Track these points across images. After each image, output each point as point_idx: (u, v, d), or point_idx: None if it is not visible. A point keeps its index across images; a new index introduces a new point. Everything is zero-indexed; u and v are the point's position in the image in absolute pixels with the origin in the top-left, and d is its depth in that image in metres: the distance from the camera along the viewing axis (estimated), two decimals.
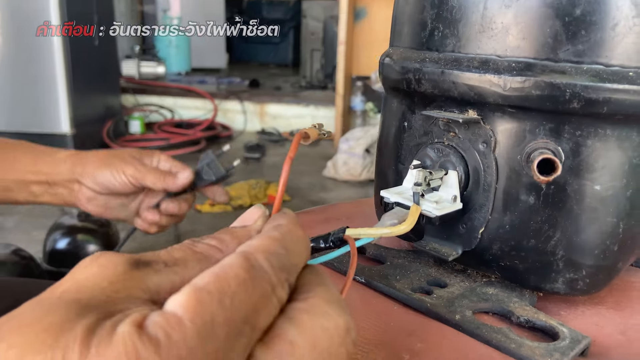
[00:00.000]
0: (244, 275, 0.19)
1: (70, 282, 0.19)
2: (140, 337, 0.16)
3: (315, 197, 2.56)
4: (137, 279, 0.20)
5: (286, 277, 0.20)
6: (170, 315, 0.17)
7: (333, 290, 0.22)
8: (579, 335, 0.33)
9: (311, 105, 3.77)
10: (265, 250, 0.20)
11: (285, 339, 0.19)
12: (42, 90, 2.85)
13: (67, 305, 0.17)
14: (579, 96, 0.31)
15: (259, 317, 0.19)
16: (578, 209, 0.34)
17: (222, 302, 0.18)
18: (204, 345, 0.17)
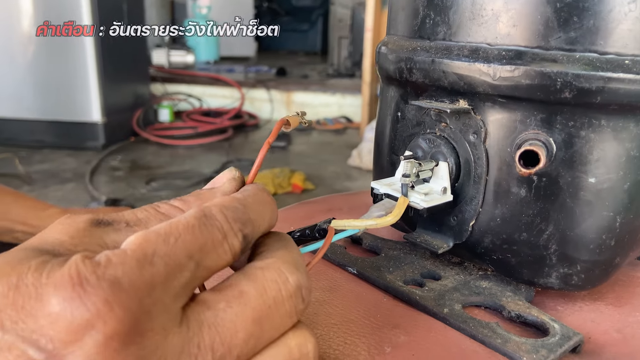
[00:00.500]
0: (193, 221, 0.21)
1: (37, 237, 0.22)
2: (84, 260, 0.18)
3: (340, 186, 2.55)
4: (95, 235, 0.22)
5: (240, 228, 0.22)
6: (118, 249, 0.19)
7: (294, 254, 0.23)
8: (570, 332, 0.33)
9: (338, 94, 3.76)
10: (221, 204, 0.22)
11: (236, 288, 0.21)
12: (74, 80, 2.92)
13: (28, 248, 0.20)
14: (571, 85, 0.30)
15: (206, 257, 0.20)
16: (571, 202, 0.33)
17: (166, 240, 0.20)
18: (140, 269, 0.18)
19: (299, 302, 0.22)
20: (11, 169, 2.53)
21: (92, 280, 0.17)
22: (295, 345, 0.22)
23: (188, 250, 0.20)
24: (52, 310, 0.17)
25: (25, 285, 0.18)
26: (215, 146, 3.17)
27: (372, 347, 0.31)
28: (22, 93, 2.95)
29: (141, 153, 3.04)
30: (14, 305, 0.17)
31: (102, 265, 0.18)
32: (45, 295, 0.17)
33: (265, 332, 0.21)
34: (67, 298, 0.17)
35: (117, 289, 0.17)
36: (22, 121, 3.00)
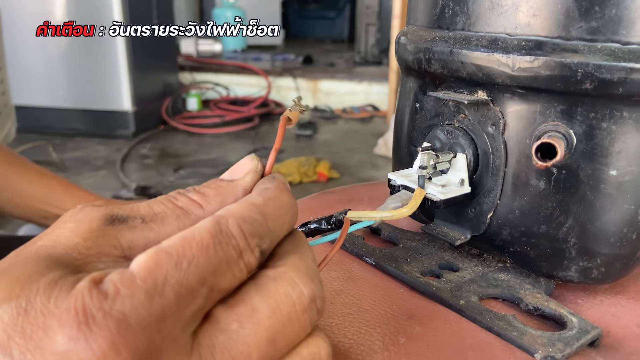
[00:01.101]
0: (208, 239, 0.19)
1: (48, 236, 0.21)
2: (91, 290, 0.17)
3: (366, 175, 2.55)
4: (109, 236, 0.21)
5: (257, 243, 0.20)
6: (127, 273, 0.18)
7: (307, 260, 0.22)
8: (589, 326, 0.32)
9: (364, 82, 3.73)
10: (239, 216, 0.20)
11: (248, 304, 0.20)
12: (106, 69, 2.98)
13: (40, 259, 0.19)
14: (592, 76, 0.30)
15: (219, 280, 0.19)
16: (592, 195, 0.32)
17: (178, 265, 0.18)
18: (150, 302, 0.17)
19: (314, 314, 0.21)
20: (46, 156, 2.61)
21: (99, 318, 0.17)
22: (309, 354, 0.21)
23: (201, 275, 0.19)
24: (58, 348, 0.16)
25: (33, 311, 0.17)
26: (241, 134, 3.20)
27: (387, 337, 0.32)
28: (55, 83, 3.03)
29: (170, 141, 3.09)
30: (22, 334, 0.17)
31: (109, 299, 0.17)
32: (51, 330, 0.17)
33: (278, 350, 0.20)
34: (72, 338, 0.16)
35: (125, 329, 0.17)
36: (56, 110, 3.09)
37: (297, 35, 6.39)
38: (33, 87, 3.00)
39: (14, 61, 2.54)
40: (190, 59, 4.12)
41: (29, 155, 2.56)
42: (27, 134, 2.86)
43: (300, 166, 2.42)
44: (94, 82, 3.02)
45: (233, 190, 0.24)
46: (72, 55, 2.98)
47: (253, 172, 0.25)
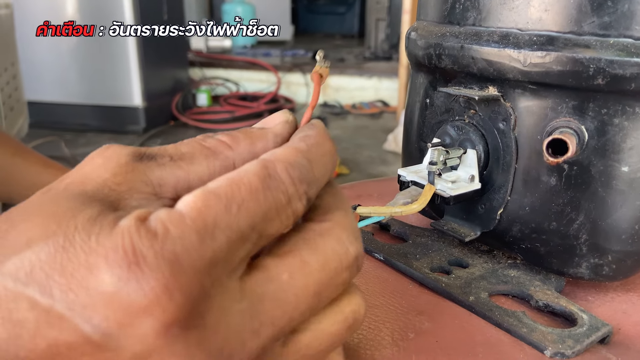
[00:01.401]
0: (257, 183, 0.19)
1: (77, 173, 0.20)
2: (139, 229, 0.16)
3: (375, 171, 2.55)
4: (139, 171, 0.20)
5: (305, 190, 0.20)
6: (175, 212, 0.17)
7: (350, 216, 0.22)
8: (599, 323, 0.32)
9: (374, 77, 3.72)
10: (286, 160, 0.20)
11: (297, 256, 0.20)
12: (117, 65, 3.00)
13: (71, 196, 0.18)
14: (604, 72, 0.29)
15: (268, 225, 0.19)
16: (603, 192, 0.32)
17: (228, 208, 0.18)
18: (201, 244, 0.17)
19: (354, 272, 0.21)
20: (58, 152, 2.63)
21: (150, 258, 0.16)
22: (350, 311, 0.22)
23: (252, 220, 0.18)
24: (106, 288, 0.16)
25: (73, 248, 0.16)
26: None
27: (396, 333, 0.32)
28: (67, 78, 3.05)
29: (180, 137, 3.10)
30: (62, 272, 0.16)
31: (159, 239, 0.16)
32: (96, 268, 0.16)
33: (322, 302, 0.21)
34: (122, 278, 0.16)
35: (177, 272, 0.16)
36: (68, 105, 3.11)
37: (306, 31, 6.38)
38: (45, 83, 3.03)
39: (26, 57, 2.56)
40: (200, 54, 4.13)
41: (41, 150, 2.59)
42: (40, 129, 2.88)
43: None
44: (105, 78, 3.04)
45: (263, 136, 0.23)
46: (83, 51, 3.00)
47: (284, 122, 0.24)
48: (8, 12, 2.03)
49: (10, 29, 2.05)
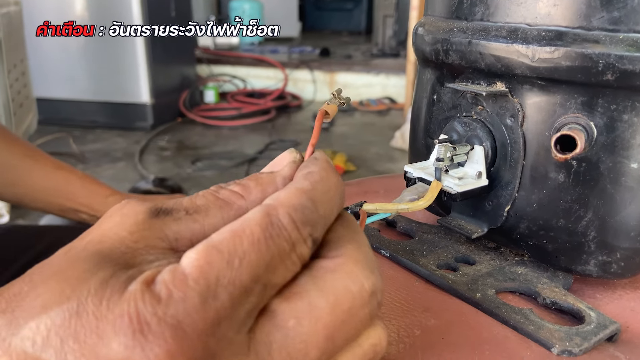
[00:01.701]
0: (259, 233, 0.18)
1: (96, 231, 0.21)
2: (143, 294, 0.17)
3: (382, 168, 2.54)
4: (156, 228, 0.20)
5: (310, 232, 0.20)
6: (179, 273, 0.17)
7: (364, 247, 0.21)
8: (607, 320, 0.32)
9: (381, 74, 3.71)
10: (289, 205, 0.19)
11: (306, 298, 0.19)
12: (125, 63, 3.01)
13: (88, 256, 0.19)
14: (614, 67, 0.29)
15: (273, 275, 0.19)
16: (612, 188, 0.32)
17: (230, 262, 0.18)
18: (204, 305, 0.17)
19: (374, 308, 0.20)
20: (66, 148, 2.65)
21: (154, 325, 0.16)
22: (370, 345, 0.21)
23: (254, 272, 0.18)
24: (114, 356, 0.16)
25: (86, 314, 0.17)
26: (258, 127, 3.21)
27: (402, 330, 0.32)
28: (76, 76, 3.07)
29: (187, 133, 3.11)
30: (76, 338, 0.17)
31: (163, 303, 0.17)
32: (105, 335, 0.16)
33: (337, 346, 0.19)
34: (128, 346, 0.16)
35: (180, 337, 0.16)
36: (76, 102, 3.13)
37: (314, 28, 6.37)
38: (54, 80, 3.05)
39: (35, 54, 2.58)
40: (207, 51, 4.14)
41: (50, 147, 2.61)
42: (48, 126, 2.90)
43: None
44: (113, 75, 3.05)
45: (273, 181, 0.23)
46: (92, 48, 3.01)
47: (292, 162, 0.24)
48: (17, 10, 2.05)
49: (19, 26, 2.06)
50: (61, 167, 0.77)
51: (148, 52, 2.99)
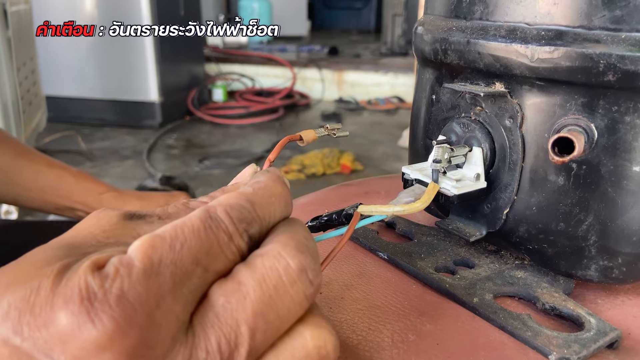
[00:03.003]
0: (198, 224, 0.20)
1: (71, 230, 0.22)
2: (93, 272, 0.18)
3: (390, 167, 2.53)
4: (128, 227, 0.22)
5: (245, 228, 0.21)
6: (126, 256, 0.19)
7: (297, 236, 0.22)
8: (608, 327, 0.31)
9: (390, 73, 3.70)
10: (227, 204, 0.21)
11: (235, 279, 0.20)
12: (133, 61, 3.03)
13: (59, 246, 0.21)
14: (615, 68, 0.28)
15: (213, 261, 0.20)
16: (613, 192, 0.31)
17: (172, 246, 0.19)
18: (147, 280, 0.18)
19: (307, 287, 0.21)
20: (75, 146, 2.67)
21: (100, 295, 0.17)
22: (314, 347, 0.21)
23: (195, 255, 0.20)
24: (61, 323, 0.17)
25: (44, 291, 0.18)
26: (266, 126, 3.21)
27: (396, 334, 0.31)
28: (85, 74, 3.09)
29: (195, 132, 3.12)
30: (32, 311, 0.18)
31: (109, 279, 0.18)
32: (55, 307, 0.18)
33: (271, 324, 0.20)
34: (75, 313, 0.17)
35: (124, 304, 0.17)
36: (85, 100, 3.15)
37: (323, 26, 6.36)
38: (63, 78, 3.07)
39: (44, 52, 2.60)
40: (216, 50, 4.15)
41: (59, 144, 2.62)
42: (57, 124, 2.92)
43: (323, 158, 2.42)
44: (122, 73, 3.07)
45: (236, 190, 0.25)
46: (101, 46, 3.03)
47: (252, 174, 0.27)
48: (27, 8, 2.06)
49: (29, 24, 2.07)
50: (54, 165, 0.77)
51: (157, 51, 3.00)
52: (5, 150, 0.73)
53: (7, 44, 1.71)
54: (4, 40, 1.69)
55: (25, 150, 0.76)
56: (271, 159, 0.28)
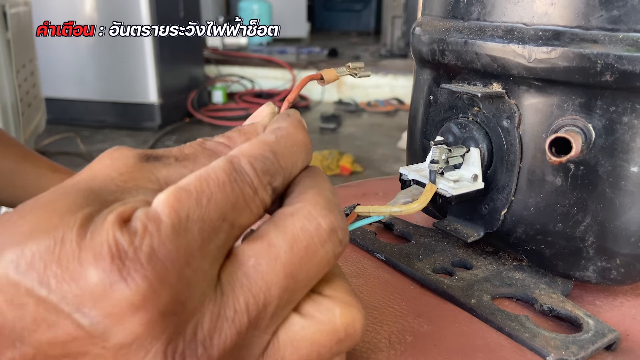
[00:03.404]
0: (223, 177, 0.20)
1: (87, 171, 0.21)
2: (121, 227, 0.18)
3: (389, 169, 2.53)
4: (145, 170, 0.22)
5: (269, 181, 0.21)
6: (152, 210, 0.18)
7: (325, 192, 0.22)
8: (606, 328, 0.31)
9: (390, 75, 3.70)
10: (250, 154, 0.21)
11: (264, 239, 0.20)
12: (133, 63, 3.03)
13: (78, 191, 0.20)
14: (613, 68, 0.28)
15: (239, 215, 0.20)
16: (611, 192, 0.31)
17: (199, 201, 0.19)
18: (177, 237, 0.18)
19: (337, 246, 0.20)
20: (74, 148, 2.67)
21: (130, 253, 0.17)
22: (342, 324, 0.21)
23: (221, 211, 0.19)
24: (92, 280, 0.17)
25: (70, 243, 0.17)
26: None
27: (393, 336, 0.31)
28: (85, 76, 3.09)
29: (195, 134, 3.12)
30: (59, 263, 0.17)
31: (138, 235, 0.18)
32: (85, 262, 0.17)
33: (300, 283, 0.20)
34: (106, 270, 0.17)
35: (155, 262, 0.17)
36: (85, 102, 3.15)
37: (322, 28, 6.36)
38: (63, 80, 3.07)
39: (44, 54, 2.60)
40: (216, 52, 4.15)
41: (58, 146, 2.62)
42: (57, 126, 2.92)
43: (323, 159, 2.42)
44: (121, 75, 3.06)
45: (254, 130, 0.25)
46: (100, 48, 3.03)
47: (271, 113, 0.26)
48: (27, 10, 2.06)
49: (28, 26, 2.07)
50: (58, 169, 0.76)
51: (156, 53, 3.00)
52: (8, 154, 0.72)
53: (6, 46, 1.71)
54: (3, 42, 1.69)
55: (29, 154, 0.75)
56: (290, 99, 0.26)
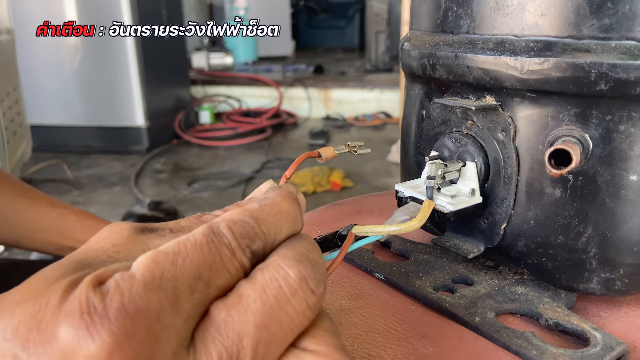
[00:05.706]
0: (201, 239, 0.20)
1: (84, 245, 0.22)
2: (94, 287, 0.18)
3: (380, 183, 2.53)
4: (139, 241, 0.22)
5: (247, 244, 0.21)
6: (128, 272, 0.19)
7: (298, 247, 0.22)
8: (614, 342, 0.30)
9: (376, 89, 3.72)
10: (229, 219, 0.21)
11: (236, 293, 0.20)
12: (118, 86, 3.01)
13: (70, 263, 0.20)
14: (607, 76, 0.28)
15: (215, 275, 0.20)
16: (612, 202, 0.31)
17: (174, 261, 0.19)
18: (148, 293, 0.18)
19: (309, 296, 0.20)
20: (61, 175, 2.64)
21: (100, 309, 0.17)
22: None
23: (197, 270, 0.19)
24: (62, 338, 0.17)
25: (52, 306, 0.18)
26: (254, 146, 3.20)
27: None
28: (70, 101, 3.07)
29: (183, 155, 3.10)
30: (38, 328, 0.18)
31: (110, 292, 0.18)
32: (58, 322, 0.18)
33: (274, 335, 0.20)
34: (74, 326, 0.17)
35: (123, 318, 0.17)
36: (71, 128, 3.12)
37: (307, 46, 6.40)
38: (48, 106, 3.04)
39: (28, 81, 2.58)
40: (201, 72, 4.15)
41: (45, 173, 2.59)
42: (43, 153, 2.89)
43: (313, 176, 2.41)
44: (107, 99, 3.05)
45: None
46: (85, 73, 3.01)
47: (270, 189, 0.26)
48: (9, 38, 2.05)
49: (11, 54, 2.06)
50: (56, 204, 0.75)
51: (142, 75, 2.99)
52: (6, 190, 0.70)
53: None
54: None
55: (26, 190, 0.74)
56: (287, 175, 0.27)
